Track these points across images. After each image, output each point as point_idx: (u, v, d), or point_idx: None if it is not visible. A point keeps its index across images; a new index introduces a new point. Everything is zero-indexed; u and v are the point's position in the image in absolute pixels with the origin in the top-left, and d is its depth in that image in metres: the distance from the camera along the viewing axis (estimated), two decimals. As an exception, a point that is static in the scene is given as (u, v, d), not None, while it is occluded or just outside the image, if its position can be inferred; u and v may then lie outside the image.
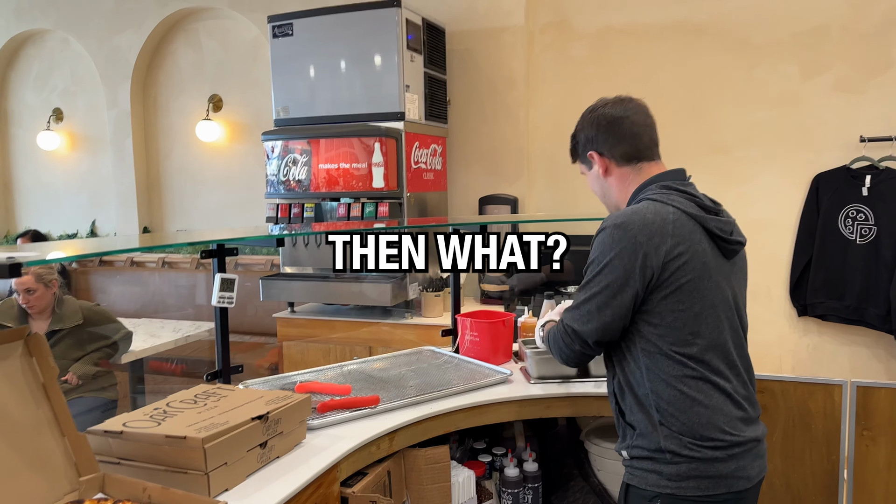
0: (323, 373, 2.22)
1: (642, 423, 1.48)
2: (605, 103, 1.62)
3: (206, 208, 5.09)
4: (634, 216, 1.45)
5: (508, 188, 4.12)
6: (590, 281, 1.49)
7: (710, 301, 1.45)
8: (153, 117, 5.16)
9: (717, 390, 1.45)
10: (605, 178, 1.62)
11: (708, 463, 1.43)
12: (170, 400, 1.61)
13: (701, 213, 1.48)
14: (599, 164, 1.61)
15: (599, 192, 1.67)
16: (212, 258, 1.95)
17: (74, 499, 1.32)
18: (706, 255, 1.46)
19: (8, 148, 5.74)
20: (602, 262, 1.46)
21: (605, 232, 1.47)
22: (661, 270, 1.42)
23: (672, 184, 1.53)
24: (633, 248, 1.42)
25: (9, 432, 1.30)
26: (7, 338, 1.36)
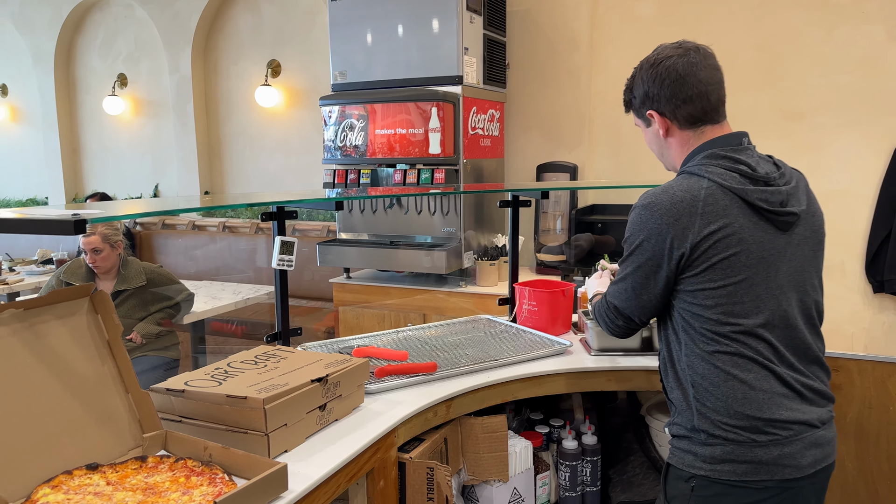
0: (379, 338, 2.20)
1: (679, 400, 1.43)
2: (669, 55, 1.45)
3: (264, 174, 5.14)
4: (663, 196, 1.38)
5: (567, 155, 4.01)
6: (625, 260, 1.47)
7: (747, 280, 1.35)
8: (213, 82, 5.21)
9: (758, 366, 1.36)
10: (665, 139, 1.50)
11: (745, 447, 1.34)
12: (231, 360, 1.62)
13: (741, 186, 1.36)
14: (660, 124, 1.49)
15: (657, 150, 1.56)
16: (272, 220, 1.95)
17: (138, 454, 1.34)
18: (746, 230, 1.35)
19: (76, 113, 5.91)
20: (633, 243, 1.42)
21: (635, 213, 1.42)
22: (690, 251, 1.35)
23: (719, 151, 1.41)
24: (660, 231, 1.37)
25: (76, 387, 1.32)
26: (73, 294, 1.38)
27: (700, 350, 1.39)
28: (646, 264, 1.41)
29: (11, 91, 6.26)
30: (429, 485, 1.59)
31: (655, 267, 1.40)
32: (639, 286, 1.45)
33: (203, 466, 1.27)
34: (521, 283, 2.33)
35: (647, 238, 1.39)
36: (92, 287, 1.40)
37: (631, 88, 1.54)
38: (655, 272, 1.41)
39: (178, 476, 1.25)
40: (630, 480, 2.09)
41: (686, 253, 1.36)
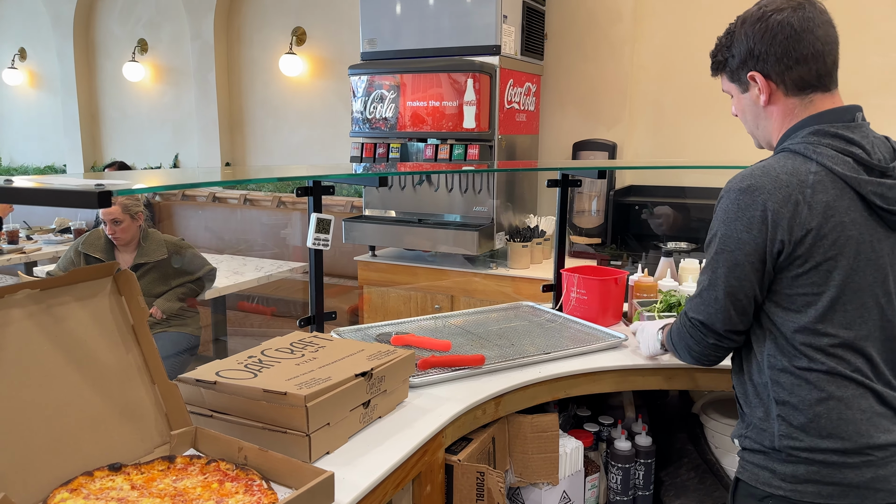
0: (416, 324, 2.06)
1: (758, 413, 1.27)
2: (780, 7, 1.24)
3: (287, 146, 4.98)
4: (764, 178, 1.19)
5: (606, 133, 3.81)
6: (714, 260, 1.25)
7: (854, 284, 1.19)
8: (236, 50, 5.04)
9: (855, 383, 1.20)
10: (765, 107, 1.30)
11: (834, 468, 1.19)
12: (264, 348, 1.48)
13: (854, 174, 1.18)
14: (763, 89, 1.28)
15: (751, 121, 1.35)
16: (307, 196, 1.80)
17: (165, 453, 1.21)
18: (855, 227, 1.18)
19: (95, 79, 5.77)
20: (727, 235, 1.22)
21: (729, 198, 1.22)
22: (792, 246, 1.18)
23: (828, 128, 1.21)
24: (762, 219, 1.18)
25: (97, 377, 1.19)
26: (95, 274, 1.24)
27: (789, 365, 1.22)
28: (743, 261, 1.21)
29: (30, 55, 6.12)
30: (479, 490, 1.45)
31: (753, 263, 1.21)
32: (735, 289, 1.23)
33: (238, 470, 1.13)
34: (568, 268, 2.17)
35: (748, 228, 1.20)
36: (115, 266, 1.25)
37: (728, 46, 1.32)
38: (752, 269, 1.21)
39: (210, 481, 1.11)
40: (684, 484, 1.94)
41: (787, 249, 1.19)
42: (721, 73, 1.37)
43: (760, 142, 1.38)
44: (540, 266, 3.56)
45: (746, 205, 1.20)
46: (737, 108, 1.38)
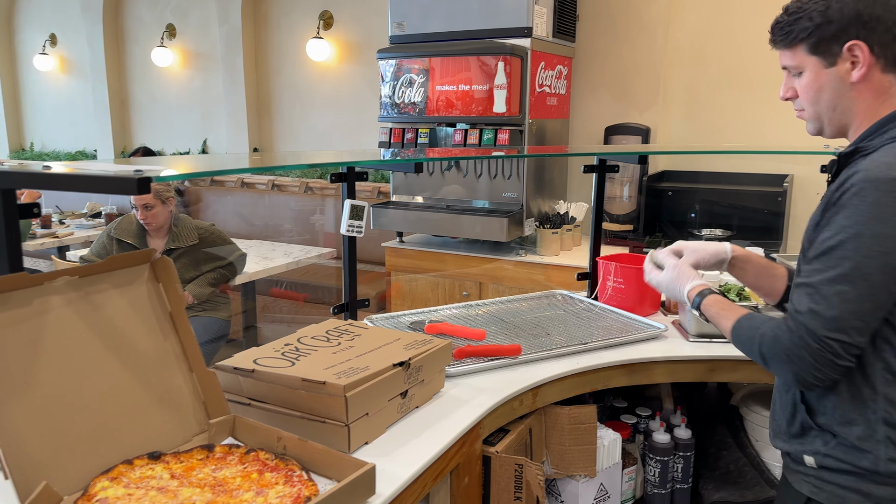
0: (448, 311, 2.03)
1: (856, 432, 1.12)
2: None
3: (314, 131, 4.97)
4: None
5: (639, 117, 3.73)
6: (860, 266, 1.04)
7: None
8: (264, 34, 5.02)
9: None
10: (854, 83, 1.13)
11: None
12: (300, 335, 1.47)
13: None
14: (863, 62, 1.11)
15: (827, 101, 1.17)
16: (341, 182, 1.77)
17: (204, 442, 1.20)
18: None
19: (124, 64, 5.80)
20: (884, 235, 1.03)
21: (880, 191, 1.03)
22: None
23: None
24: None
25: (135, 365, 1.18)
26: (132, 261, 1.23)
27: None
28: (888, 263, 1.04)
29: (60, 41, 6.17)
30: (517, 483, 1.43)
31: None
32: (883, 302, 1.05)
33: (277, 460, 1.12)
34: (605, 256, 2.13)
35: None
36: (153, 253, 1.24)
37: (823, 11, 1.14)
38: (893, 272, 1.04)
39: (249, 471, 1.10)
40: (723, 477, 1.90)
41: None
42: (797, 44, 1.18)
43: (827, 126, 1.21)
44: (570, 253, 3.51)
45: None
46: (807, 87, 1.18)
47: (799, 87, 1.20)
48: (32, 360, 1.06)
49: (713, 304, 1.30)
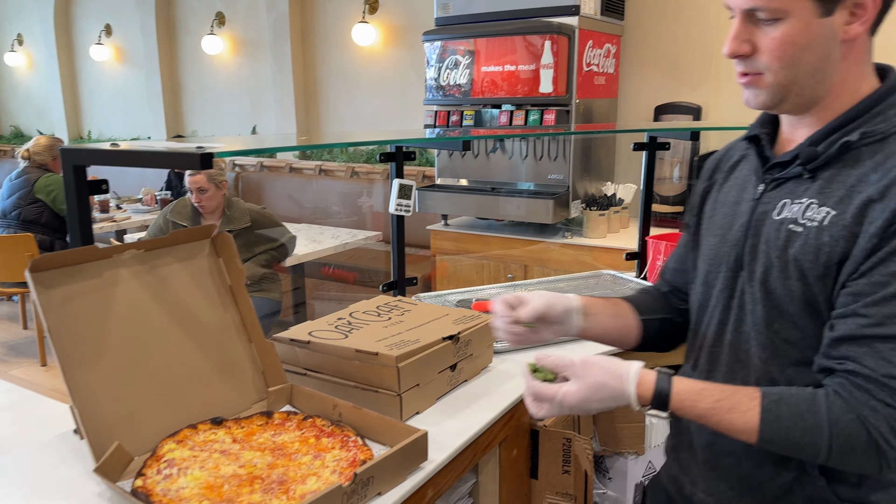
0: (495, 291, 2.05)
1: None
2: None
3: (360, 116, 5.02)
4: None
5: (690, 95, 3.66)
6: None
7: None
8: (310, 20, 5.08)
9: None
10: (847, 41, 0.88)
11: None
12: (352, 310, 1.51)
13: None
14: (861, 19, 0.87)
15: (811, 60, 0.88)
16: (390, 162, 1.80)
17: (263, 409, 1.25)
18: None
19: (176, 53, 5.94)
20: None
21: None
22: None
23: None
24: None
25: (198, 335, 1.23)
26: (194, 236, 1.28)
27: None
28: None
29: (115, 31, 6.36)
30: (565, 456, 1.44)
31: None
32: None
33: (333, 427, 1.16)
34: (655, 236, 2.11)
35: None
36: (213, 228, 1.29)
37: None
38: None
39: (307, 436, 1.14)
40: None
41: None
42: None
43: (794, 97, 0.91)
44: (617, 235, 3.47)
45: None
46: (788, 40, 0.87)
47: (771, 39, 0.88)
48: (103, 329, 1.12)
49: (696, 393, 0.91)
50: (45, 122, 7.15)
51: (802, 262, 0.88)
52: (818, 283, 0.87)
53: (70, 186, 1.09)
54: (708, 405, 0.89)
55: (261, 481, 1.01)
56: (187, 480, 1.01)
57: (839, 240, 0.85)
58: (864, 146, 0.89)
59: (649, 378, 0.92)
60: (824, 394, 0.84)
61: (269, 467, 1.05)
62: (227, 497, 0.97)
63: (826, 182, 0.90)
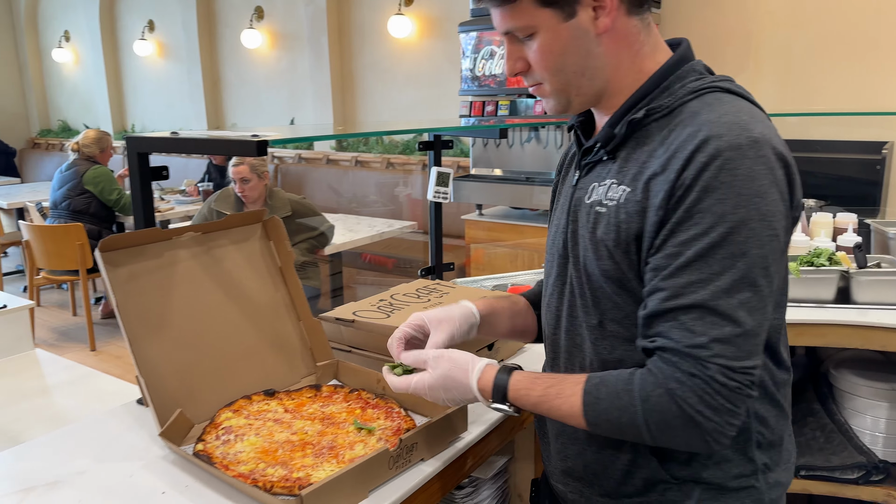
0: (529, 276, 2.10)
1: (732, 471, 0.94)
2: None
3: (395, 106, 5.09)
4: (759, 123, 0.83)
5: (727, 84, 3.63)
6: (738, 246, 0.79)
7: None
8: (346, 13, 5.16)
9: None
10: (602, 34, 0.89)
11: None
12: (393, 292, 1.57)
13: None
14: (609, 7, 0.87)
15: (575, 63, 0.90)
16: (428, 150, 1.85)
17: (312, 383, 1.32)
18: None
19: (216, 47, 6.09)
20: (758, 213, 0.79)
21: (744, 155, 0.80)
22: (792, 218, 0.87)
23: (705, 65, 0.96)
24: (783, 182, 0.83)
25: (251, 313, 1.31)
26: (247, 220, 1.36)
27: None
28: (775, 240, 0.81)
29: (158, 27, 6.54)
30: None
31: (784, 245, 0.85)
32: (776, 282, 0.84)
33: (378, 399, 1.22)
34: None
35: (779, 194, 0.82)
36: (264, 212, 1.37)
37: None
38: (781, 254, 0.85)
39: (353, 407, 1.21)
40: (808, 443, 1.89)
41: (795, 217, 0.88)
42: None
43: (576, 97, 0.94)
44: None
45: (767, 164, 0.81)
46: (545, 51, 0.90)
47: (533, 53, 0.91)
48: (165, 305, 1.20)
49: (529, 383, 0.93)
50: (91, 115, 7.39)
51: (608, 241, 0.89)
52: (624, 262, 0.88)
53: (134, 172, 1.17)
54: (539, 393, 0.91)
55: (312, 447, 1.08)
56: (244, 445, 1.08)
57: (633, 216, 0.86)
58: (654, 122, 0.89)
59: (491, 372, 0.96)
60: (639, 373, 0.84)
61: (319, 434, 1.12)
62: (282, 460, 1.04)
63: (623, 161, 0.91)
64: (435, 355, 1.00)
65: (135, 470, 1.07)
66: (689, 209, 0.80)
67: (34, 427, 1.56)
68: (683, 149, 0.82)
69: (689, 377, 0.79)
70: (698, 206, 0.80)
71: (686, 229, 0.80)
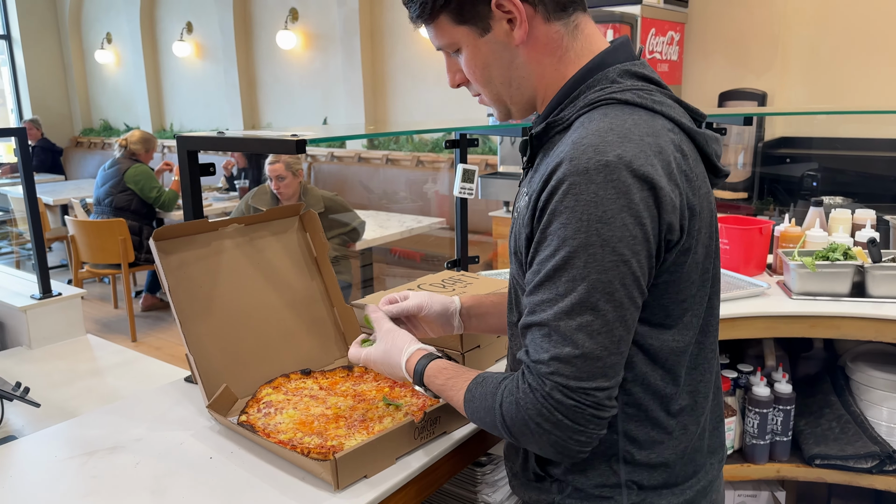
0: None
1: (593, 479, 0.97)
2: None
3: (426, 106, 5.19)
4: (626, 143, 0.81)
5: (755, 82, 3.65)
6: (578, 271, 0.79)
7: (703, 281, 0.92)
8: (379, 13, 5.27)
9: None
10: (520, 45, 0.91)
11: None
12: (419, 282, 1.66)
13: (694, 127, 0.91)
14: (520, 19, 0.88)
15: (500, 76, 0.94)
16: (455, 148, 1.94)
17: (345, 364, 1.42)
18: (712, 202, 0.92)
19: (252, 48, 6.26)
20: (599, 237, 0.79)
21: (590, 180, 0.79)
22: (665, 245, 0.84)
23: (634, 67, 0.91)
24: (641, 205, 0.80)
25: (289, 299, 1.41)
26: (285, 213, 1.46)
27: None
28: (622, 266, 0.80)
29: (195, 28, 6.74)
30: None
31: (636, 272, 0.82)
32: (625, 306, 0.81)
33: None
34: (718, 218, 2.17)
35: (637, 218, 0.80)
36: (302, 206, 1.47)
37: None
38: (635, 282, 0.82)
39: (382, 386, 1.31)
40: (824, 434, 1.93)
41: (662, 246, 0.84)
42: (437, 15, 0.92)
43: (512, 106, 0.97)
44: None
45: (619, 188, 0.79)
46: (470, 66, 0.94)
47: (463, 67, 0.96)
48: (211, 290, 1.31)
49: (438, 371, 0.99)
50: (131, 115, 7.64)
51: (514, 248, 0.94)
52: (520, 270, 0.92)
53: (184, 168, 1.28)
54: (441, 382, 0.99)
55: (345, 420, 1.18)
56: (283, 417, 1.19)
57: (521, 228, 0.89)
58: (557, 134, 0.90)
59: (417, 355, 1.03)
60: (508, 379, 0.88)
61: (351, 409, 1.22)
62: (317, 431, 1.14)
63: (534, 171, 0.93)
64: (386, 329, 1.10)
65: (185, 438, 1.18)
66: (543, 230, 0.83)
67: (89, 404, 1.69)
68: (547, 169, 0.84)
69: (532, 391, 0.82)
70: (549, 229, 0.82)
71: (542, 249, 0.83)
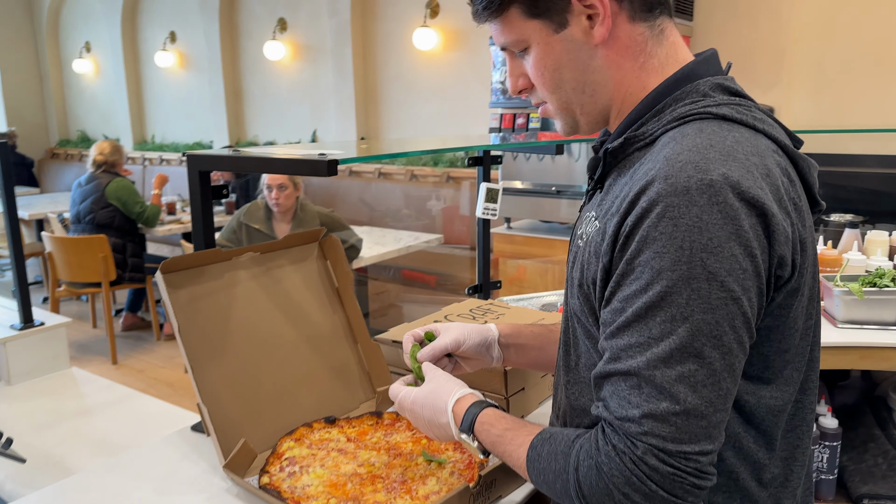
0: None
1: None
2: None
3: (419, 119, 5.06)
4: (731, 161, 0.69)
5: (761, 97, 3.57)
6: (678, 309, 0.67)
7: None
8: (371, 25, 5.15)
9: None
10: (600, 45, 0.80)
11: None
12: (446, 313, 1.52)
13: (798, 151, 0.79)
14: (604, 12, 0.78)
15: (573, 79, 0.82)
16: (477, 166, 1.81)
17: (371, 409, 1.27)
18: (815, 237, 0.80)
19: (238, 58, 6.09)
20: (703, 269, 0.66)
21: (690, 202, 0.67)
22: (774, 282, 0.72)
23: (726, 82, 0.80)
24: (751, 233, 0.68)
25: (310, 336, 1.26)
26: (303, 239, 1.32)
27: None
28: (731, 304, 0.67)
29: (179, 38, 6.55)
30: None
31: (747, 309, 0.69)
32: (733, 351, 0.68)
33: (443, 429, 1.17)
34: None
35: (747, 248, 0.68)
36: (322, 231, 1.32)
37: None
38: (746, 322, 0.69)
39: (419, 436, 1.16)
40: (871, 471, 1.82)
41: (772, 278, 0.72)
42: (507, 8, 0.81)
43: (581, 117, 0.85)
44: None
45: (725, 213, 0.67)
46: (539, 66, 0.82)
47: (529, 69, 0.84)
48: (225, 329, 1.16)
49: (495, 420, 0.86)
50: (111, 126, 7.41)
51: (576, 279, 0.80)
52: (586, 305, 0.79)
53: (195, 191, 1.13)
54: (498, 432, 0.85)
55: (382, 480, 1.03)
56: (311, 478, 1.04)
57: (593, 258, 0.76)
58: (636, 151, 0.79)
59: (469, 400, 0.90)
60: (584, 437, 0.75)
61: (387, 467, 1.07)
62: (353, 496, 0.99)
63: (605, 193, 0.81)
64: (432, 370, 0.98)
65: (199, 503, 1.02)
66: (629, 261, 0.70)
67: (78, 451, 1.52)
68: (633, 189, 0.71)
69: (618, 454, 0.69)
70: (638, 259, 0.69)
71: (629, 283, 0.70)
